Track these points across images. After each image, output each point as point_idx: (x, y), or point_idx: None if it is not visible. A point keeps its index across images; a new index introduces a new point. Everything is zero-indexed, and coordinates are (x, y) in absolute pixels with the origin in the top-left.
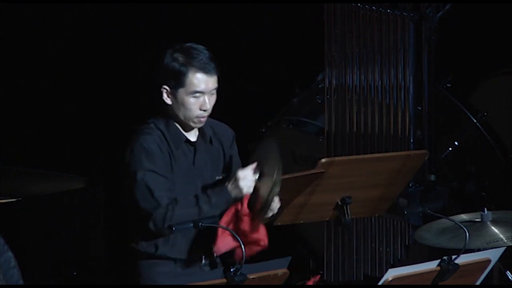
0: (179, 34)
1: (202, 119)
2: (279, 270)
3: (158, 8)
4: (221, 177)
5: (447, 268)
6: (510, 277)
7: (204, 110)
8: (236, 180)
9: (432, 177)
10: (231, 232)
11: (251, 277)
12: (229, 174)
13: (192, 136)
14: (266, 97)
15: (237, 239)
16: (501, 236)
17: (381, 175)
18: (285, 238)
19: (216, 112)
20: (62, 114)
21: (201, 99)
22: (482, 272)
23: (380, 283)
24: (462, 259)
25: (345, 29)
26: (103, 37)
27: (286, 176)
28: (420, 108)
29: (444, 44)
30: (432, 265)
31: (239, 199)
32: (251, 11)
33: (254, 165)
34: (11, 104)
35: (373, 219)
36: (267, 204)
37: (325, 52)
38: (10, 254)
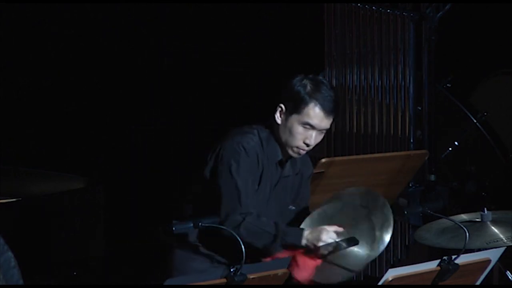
0: (179, 34)
1: (301, 151)
2: (279, 270)
3: (158, 8)
4: (294, 208)
5: (447, 268)
6: (510, 277)
7: (307, 145)
8: (317, 239)
9: (432, 177)
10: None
11: (251, 277)
12: (297, 205)
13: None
14: (266, 97)
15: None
16: (501, 236)
17: (381, 175)
18: None
19: (217, 112)
20: (62, 114)
21: (309, 132)
22: (482, 272)
23: (380, 283)
24: (462, 259)
25: (345, 29)
26: (103, 37)
27: None
28: (420, 108)
29: (444, 44)
30: (432, 265)
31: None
32: (251, 11)
33: (340, 229)
34: (11, 104)
35: None
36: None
37: (325, 52)
38: (10, 254)
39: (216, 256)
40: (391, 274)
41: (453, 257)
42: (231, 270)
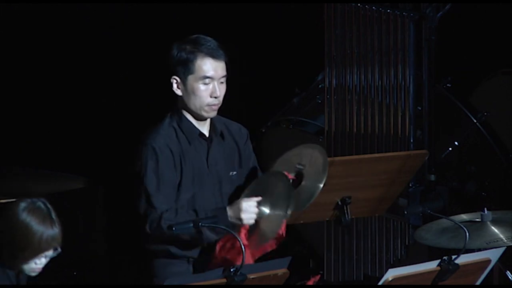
0: (179, 34)
1: (213, 107)
2: (279, 270)
3: (158, 8)
4: (235, 173)
5: (447, 268)
6: (510, 277)
7: (215, 97)
8: (238, 210)
9: (432, 177)
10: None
11: (251, 277)
12: (244, 170)
13: (205, 130)
14: (266, 97)
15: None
16: (501, 236)
17: (381, 175)
18: (285, 238)
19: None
20: (62, 114)
21: (211, 85)
22: (482, 272)
23: (380, 283)
24: (462, 259)
25: (345, 29)
26: (103, 37)
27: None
28: (420, 108)
29: (444, 44)
30: (432, 265)
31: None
32: (251, 11)
33: (259, 198)
34: (11, 104)
35: (373, 219)
36: (267, 239)
37: (325, 52)
38: None
39: (190, 254)
40: (391, 274)
41: (453, 257)
42: (231, 270)
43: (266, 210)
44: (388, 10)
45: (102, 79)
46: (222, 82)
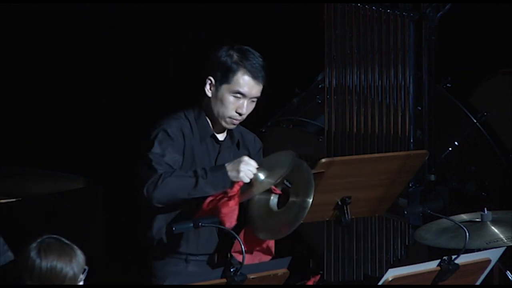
0: (179, 34)
1: (234, 121)
2: (279, 270)
3: (158, 8)
4: None
5: (447, 268)
6: (510, 277)
7: (240, 114)
8: (238, 162)
9: (432, 177)
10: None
11: (251, 277)
12: None
13: (220, 136)
14: (266, 97)
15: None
16: (501, 236)
17: (381, 175)
18: (285, 238)
19: None
20: (62, 114)
21: (241, 101)
22: (482, 272)
23: (380, 283)
24: (462, 259)
25: (345, 29)
26: (104, 37)
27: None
28: (420, 108)
29: (444, 44)
30: (432, 265)
31: (233, 184)
32: (251, 11)
33: (260, 162)
34: (11, 104)
35: (373, 219)
36: (251, 198)
37: (325, 52)
38: (10, 254)
39: (188, 252)
40: (391, 274)
41: (453, 257)
42: (231, 270)
43: (262, 176)
44: (388, 10)
45: (102, 79)
46: (252, 101)
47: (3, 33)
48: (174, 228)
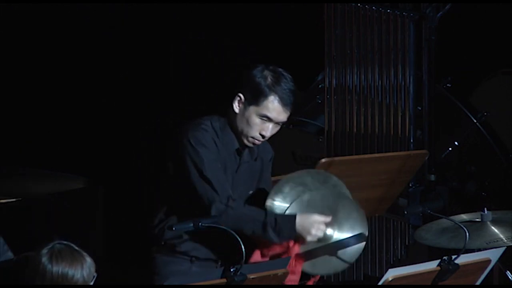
0: (179, 34)
1: (256, 141)
2: (279, 270)
3: (158, 8)
4: (251, 192)
5: (447, 268)
6: (510, 277)
7: (263, 136)
8: (310, 224)
9: (432, 177)
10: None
11: (251, 277)
12: (260, 190)
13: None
14: None
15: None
16: (501, 236)
17: (381, 175)
18: None
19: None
20: (62, 114)
21: (266, 124)
22: (482, 272)
23: (380, 283)
24: (462, 259)
25: (345, 29)
26: (104, 37)
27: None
28: (420, 108)
29: (444, 44)
30: (432, 265)
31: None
32: (251, 11)
33: (329, 219)
34: (11, 104)
35: (373, 219)
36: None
37: (325, 52)
38: (10, 254)
39: (193, 254)
40: (391, 274)
41: (453, 257)
42: (231, 270)
43: (332, 233)
44: (388, 10)
45: (102, 79)
46: (277, 125)
47: (3, 33)
48: (174, 228)
